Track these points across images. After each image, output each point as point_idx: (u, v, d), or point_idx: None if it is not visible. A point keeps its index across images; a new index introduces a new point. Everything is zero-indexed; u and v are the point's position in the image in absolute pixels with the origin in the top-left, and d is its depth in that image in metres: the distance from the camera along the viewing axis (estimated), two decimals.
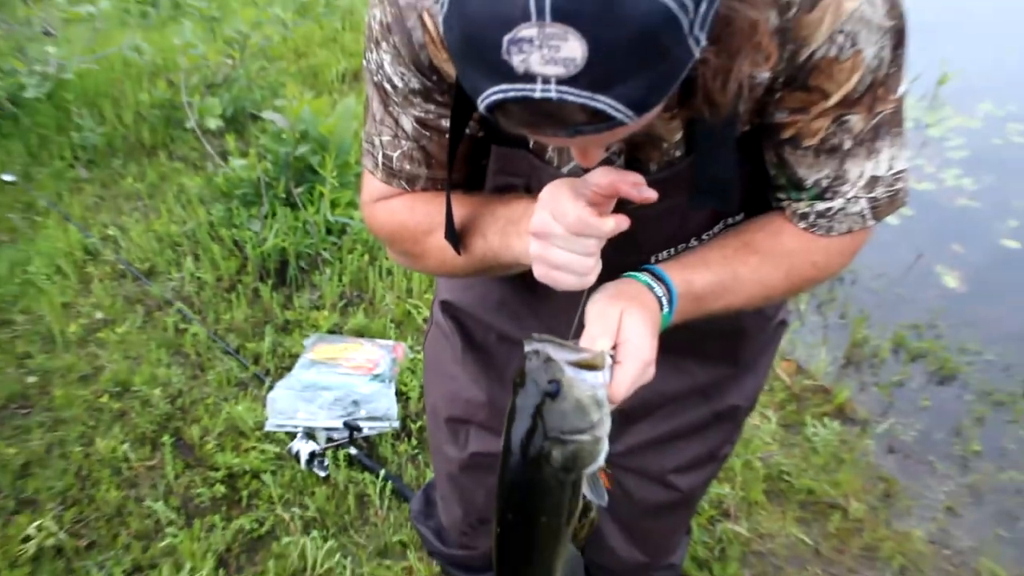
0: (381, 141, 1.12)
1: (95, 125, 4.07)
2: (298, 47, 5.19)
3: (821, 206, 1.07)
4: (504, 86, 0.70)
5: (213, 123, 3.83)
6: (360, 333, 2.94)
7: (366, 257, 3.25)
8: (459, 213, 1.09)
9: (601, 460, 0.94)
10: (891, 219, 3.88)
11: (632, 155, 1.06)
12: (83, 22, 4.44)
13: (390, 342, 2.84)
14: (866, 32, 0.93)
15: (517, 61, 0.68)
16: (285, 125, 3.31)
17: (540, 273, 0.96)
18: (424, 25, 0.98)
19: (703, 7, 0.70)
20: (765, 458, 2.63)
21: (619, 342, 0.95)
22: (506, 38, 0.67)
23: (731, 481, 2.52)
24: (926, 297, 3.55)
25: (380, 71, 1.05)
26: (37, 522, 2.31)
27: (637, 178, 0.92)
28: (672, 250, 1.14)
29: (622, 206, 1.00)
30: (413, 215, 1.15)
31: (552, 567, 1.03)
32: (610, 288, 0.99)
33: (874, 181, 1.05)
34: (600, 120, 0.72)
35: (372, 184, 1.18)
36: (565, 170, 1.08)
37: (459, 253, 1.10)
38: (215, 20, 4.38)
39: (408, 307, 3.06)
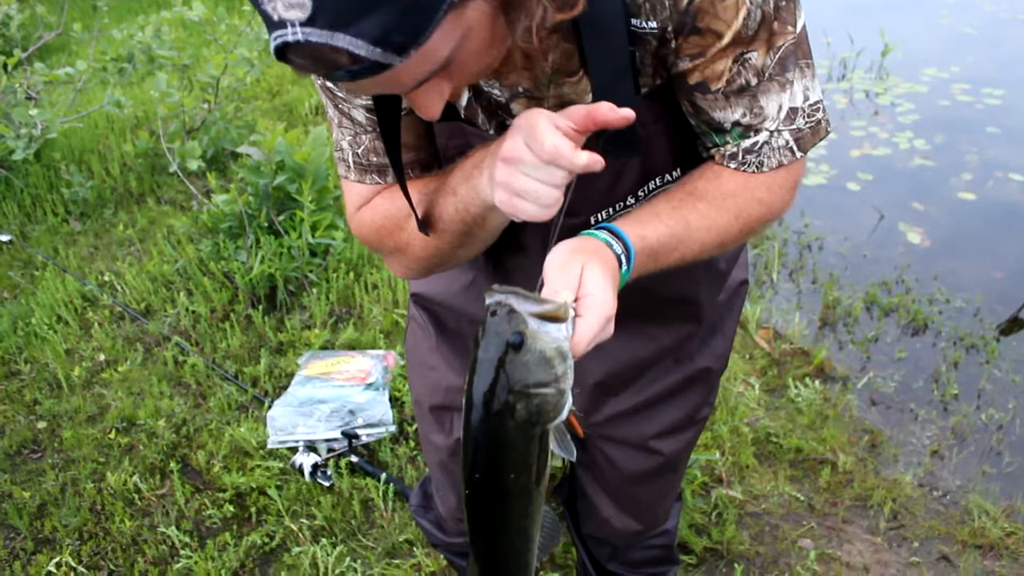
0: (347, 142, 1.12)
1: (84, 179, 4.04)
2: (271, 86, 5.17)
3: (746, 143, 1.04)
4: (274, 33, 0.74)
5: (195, 165, 3.79)
6: (351, 346, 2.90)
7: (351, 274, 3.21)
8: (431, 187, 1.06)
9: (565, 413, 0.89)
10: (852, 185, 3.93)
11: None
12: (64, 84, 4.40)
13: (380, 351, 2.80)
14: None
15: (270, 8, 0.72)
16: (262, 157, 3.28)
17: (501, 199, 0.92)
18: None
19: None
20: (752, 422, 2.59)
21: (580, 296, 0.90)
22: None
23: (720, 447, 2.48)
24: (892, 255, 3.52)
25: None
26: (56, 559, 2.26)
27: (609, 104, 0.88)
28: (610, 210, 1.11)
29: None
30: (394, 203, 1.12)
31: (526, 528, 0.96)
32: (570, 243, 0.95)
33: (793, 113, 1.02)
34: (359, 61, 0.74)
35: (352, 192, 1.17)
36: (491, 132, 1.06)
37: (427, 233, 1.07)
38: (187, 68, 4.35)
39: (395, 317, 3.02)
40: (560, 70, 0.98)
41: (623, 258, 0.97)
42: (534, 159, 0.88)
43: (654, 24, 0.94)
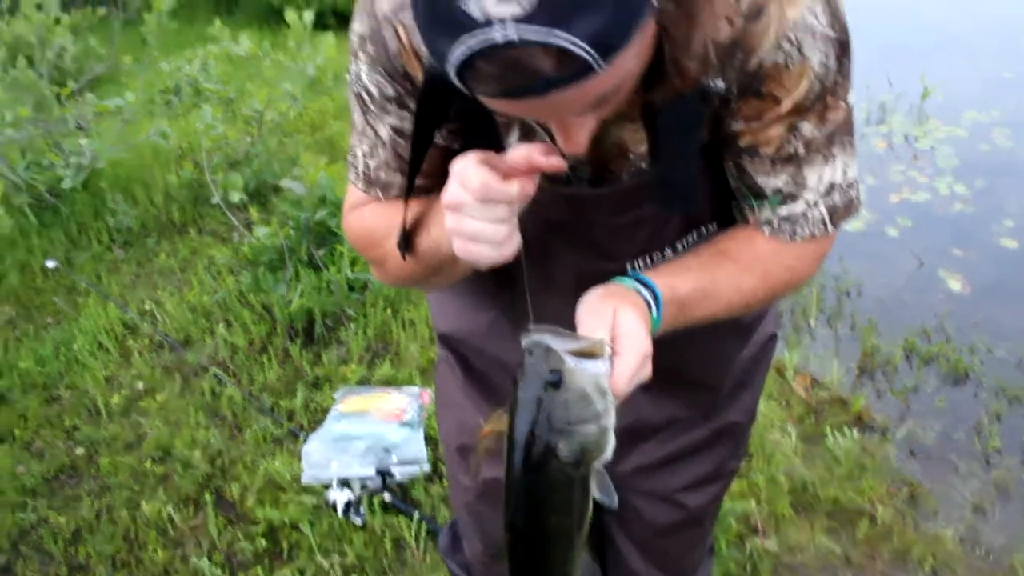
0: (363, 151, 1.11)
1: (128, 208, 4.10)
2: (313, 121, 5.22)
3: (784, 211, 1.04)
4: (467, 37, 0.68)
5: (237, 197, 3.84)
6: (387, 383, 2.90)
7: (388, 311, 3.22)
8: (413, 214, 1.06)
9: (609, 453, 0.87)
10: (891, 230, 3.88)
11: (600, 167, 1.04)
12: (112, 115, 4.48)
13: (416, 389, 2.79)
14: (811, 40, 0.92)
15: (474, 6, 0.67)
16: (303, 192, 3.31)
17: (458, 248, 0.92)
18: (398, 35, 0.98)
19: None
20: (788, 472, 2.54)
21: (615, 336, 0.89)
22: None
23: (757, 496, 2.44)
24: (932, 302, 3.46)
25: (358, 81, 1.04)
26: None
27: (548, 147, 0.88)
28: (648, 258, 1.10)
29: (591, 227, 0.99)
30: (378, 219, 1.13)
31: (568, 574, 0.95)
32: (599, 289, 0.95)
33: (832, 187, 1.03)
34: (567, 65, 0.69)
35: (352, 194, 1.17)
36: None
37: (404, 258, 1.07)
38: (232, 101, 4.42)
39: (432, 354, 3.01)
40: (621, 114, 0.98)
41: (652, 305, 0.97)
42: (471, 200, 0.88)
43: (722, 84, 0.95)
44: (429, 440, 2.62)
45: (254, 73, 4.70)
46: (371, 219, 1.15)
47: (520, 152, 0.88)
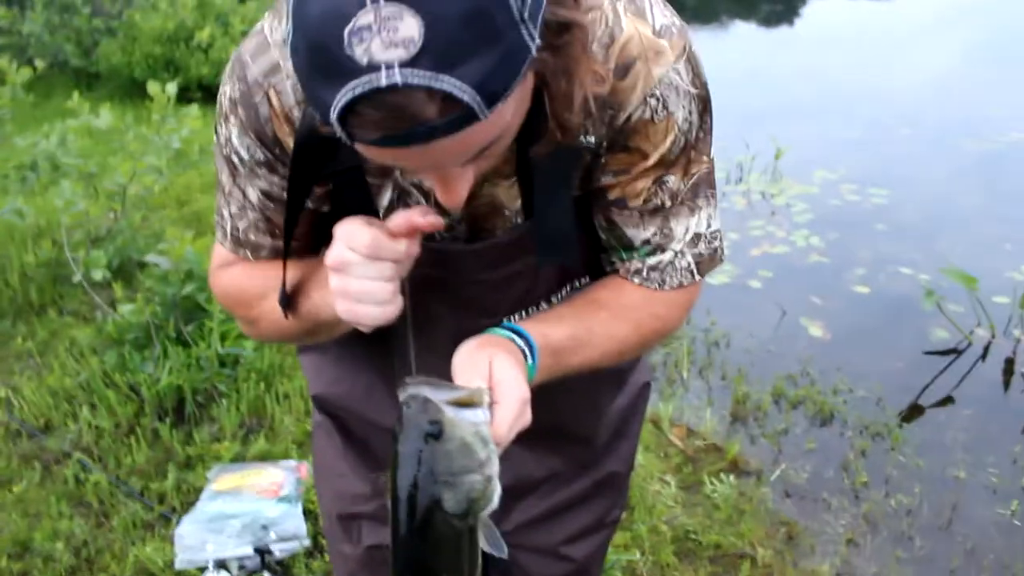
0: (230, 212, 1.10)
1: None
2: (179, 195, 5.11)
3: (652, 260, 1.08)
4: (352, 83, 0.68)
5: (100, 274, 3.67)
6: (263, 458, 2.80)
7: (261, 385, 3.13)
8: (291, 276, 1.05)
9: (495, 502, 0.86)
10: (754, 282, 4.05)
11: (475, 224, 1.05)
12: None
13: (293, 462, 2.71)
14: (675, 96, 0.97)
15: (360, 52, 0.67)
16: (170, 267, 3.21)
17: (343, 310, 0.92)
18: (269, 101, 0.98)
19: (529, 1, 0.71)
20: (670, 520, 2.58)
21: (493, 384, 0.89)
22: (346, 30, 0.66)
23: (640, 547, 2.46)
24: (796, 349, 3.62)
25: (228, 144, 1.03)
26: None
27: (424, 208, 0.91)
28: (524, 313, 1.12)
29: (465, 284, 1.01)
30: (251, 280, 1.12)
31: None
32: (473, 340, 0.96)
33: (697, 237, 1.07)
34: (451, 110, 0.70)
35: (219, 253, 1.16)
36: None
37: (287, 317, 1.06)
38: (93, 176, 4.27)
39: (308, 427, 2.94)
40: (495, 171, 1.00)
41: (526, 351, 0.98)
42: (358, 258, 0.89)
43: (592, 139, 0.99)
44: (309, 514, 2.54)
45: (116, 147, 4.56)
46: (242, 279, 1.14)
47: (400, 216, 0.90)
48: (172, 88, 3.77)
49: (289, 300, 1.06)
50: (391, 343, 1.16)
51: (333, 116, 0.71)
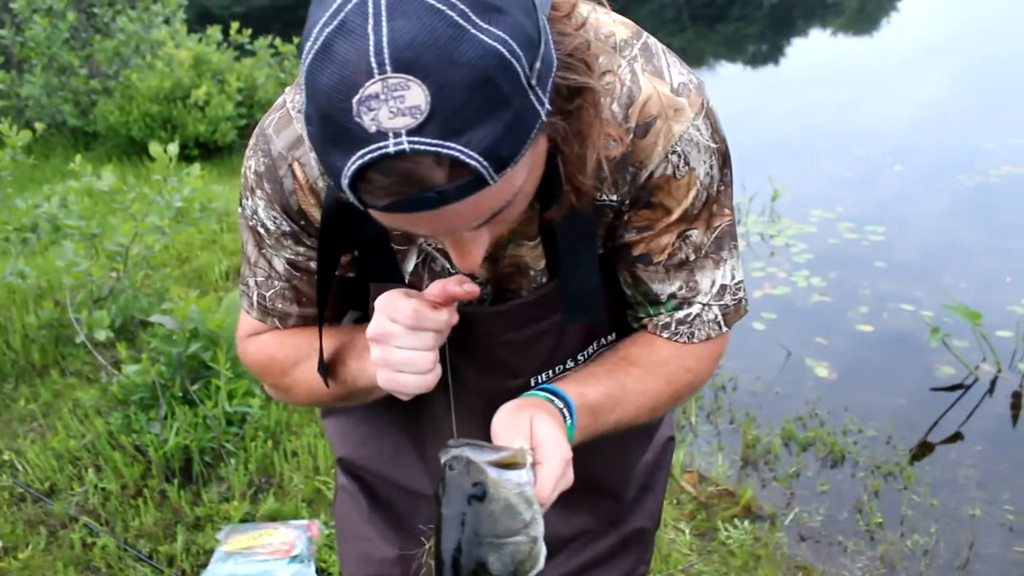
0: (256, 281, 1.11)
1: None
2: (180, 253, 5.12)
3: (680, 314, 1.09)
4: (361, 150, 0.69)
5: (103, 335, 3.67)
6: (273, 518, 2.78)
7: (269, 443, 3.11)
8: (326, 345, 1.06)
9: (541, 564, 0.85)
10: (757, 324, 4.05)
11: (501, 285, 1.05)
12: None
13: (304, 521, 2.69)
14: (696, 152, 0.98)
15: (368, 120, 0.68)
16: (174, 326, 3.21)
17: (384, 379, 0.94)
18: (294, 173, 1.00)
19: (538, 65, 0.72)
20: (686, 569, 2.55)
21: (534, 445, 0.90)
22: (355, 100, 0.67)
23: None
24: (803, 390, 3.61)
25: (255, 216, 1.05)
26: None
27: (460, 278, 0.93)
28: (551, 372, 1.12)
29: (492, 345, 1.01)
30: (282, 348, 1.13)
31: None
32: (512, 402, 0.96)
33: (723, 289, 1.08)
34: (460, 175, 0.70)
35: (247, 322, 1.17)
36: None
37: (327, 385, 1.07)
38: (95, 237, 4.28)
39: (317, 484, 2.92)
40: (519, 233, 1.01)
41: (565, 412, 0.98)
42: (400, 329, 0.91)
43: (615, 197, 1.00)
44: (321, 573, 2.51)
45: (116, 207, 4.58)
46: (272, 348, 1.14)
47: (437, 286, 0.91)
48: (174, 149, 3.80)
49: (327, 370, 1.06)
50: (419, 405, 1.15)
51: (344, 183, 0.72)
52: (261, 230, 1.05)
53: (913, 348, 3.85)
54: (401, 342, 0.91)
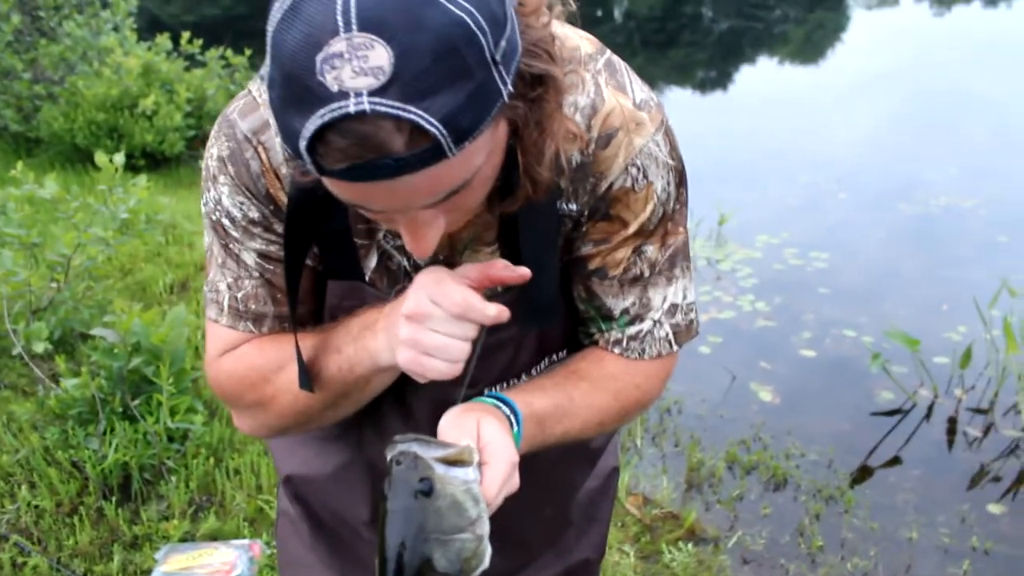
0: (226, 284, 1.06)
1: None
2: (123, 264, 5.02)
3: (631, 330, 1.10)
4: (321, 110, 0.68)
5: (41, 347, 3.57)
6: (214, 537, 2.73)
7: (211, 460, 3.05)
8: (311, 343, 1.03)
9: (486, 562, 0.85)
10: (703, 348, 4.10)
11: None
12: None
13: (245, 541, 2.64)
14: (654, 167, 1.00)
15: (331, 79, 0.67)
16: (116, 339, 3.14)
17: (408, 359, 0.91)
18: (260, 156, 0.98)
19: (503, 44, 0.72)
20: None
21: (481, 446, 0.89)
22: (319, 57, 0.67)
23: None
24: (747, 414, 3.66)
25: (218, 207, 1.01)
26: None
27: (504, 262, 0.93)
28: (504, 385, 1.12)
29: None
30: (263, 354, 1.07)
31: None
32: (459, 407, 0.96)
33: (674, 308, 1.10)
34: (419, 143, 0.70)
35: (217, 336, 1.10)
36: (392, 297, 1.04)
37: (311, 389, 1.02)
38: (36, 246, 4.18)
39: (260, 503, 2.87)
40: (477, 238, 1.01)
41: (512, 420, 0.98)
42: (443, 314, 0.89)
43: (574, 207, 1.01)
44: None
45: (59, 216, 4.48)
46: (252, 356, 1.08)
47: (477, 269, 0.92)
48: (120, 158, 3.73)
49: (307, 371, 1.02)
50: (361, 421, 1.14)
51: (303, 144, 0.71)
52: (227, 221, 1.02)
53: (854, 373, 3.93)
54: (440, 327, 0.89)
